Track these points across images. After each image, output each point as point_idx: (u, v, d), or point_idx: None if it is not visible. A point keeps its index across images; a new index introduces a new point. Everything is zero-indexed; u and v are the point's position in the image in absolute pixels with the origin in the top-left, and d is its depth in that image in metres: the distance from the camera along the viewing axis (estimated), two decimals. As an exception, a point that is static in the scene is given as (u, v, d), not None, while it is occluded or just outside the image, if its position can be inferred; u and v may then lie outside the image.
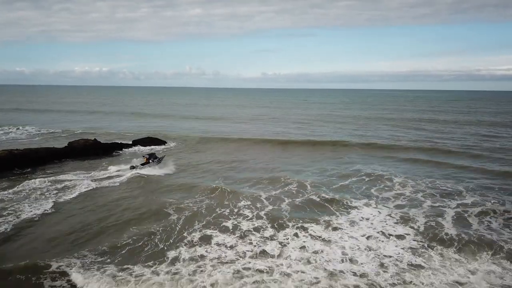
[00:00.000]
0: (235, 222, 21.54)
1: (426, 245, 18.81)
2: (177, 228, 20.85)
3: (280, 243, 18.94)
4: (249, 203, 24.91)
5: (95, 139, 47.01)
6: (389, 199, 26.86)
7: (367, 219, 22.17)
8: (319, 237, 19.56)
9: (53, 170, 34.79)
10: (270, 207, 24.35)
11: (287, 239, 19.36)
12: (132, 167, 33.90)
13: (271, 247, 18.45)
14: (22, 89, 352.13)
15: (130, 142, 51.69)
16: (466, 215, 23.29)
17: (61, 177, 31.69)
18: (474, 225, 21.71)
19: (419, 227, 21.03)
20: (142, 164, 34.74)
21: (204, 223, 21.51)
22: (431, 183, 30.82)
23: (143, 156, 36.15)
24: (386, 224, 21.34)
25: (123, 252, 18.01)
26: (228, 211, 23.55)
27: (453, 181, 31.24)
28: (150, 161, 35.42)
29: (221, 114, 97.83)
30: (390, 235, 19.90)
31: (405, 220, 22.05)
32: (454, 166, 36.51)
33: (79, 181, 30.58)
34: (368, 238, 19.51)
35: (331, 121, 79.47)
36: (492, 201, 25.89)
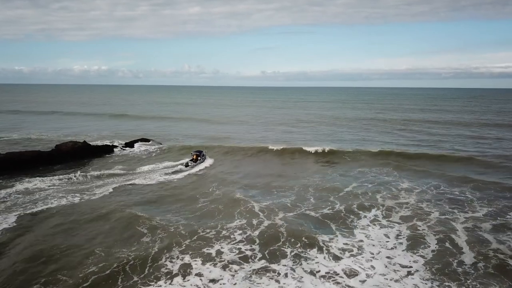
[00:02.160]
0: (219, 248, 18.82)
1: (442, 283, 16.02)
2: (153, 253, 18.02)
3: (273, 278, 16.16)
4: (243, 222, 22.32)
5: (84, 141, 45.00)
6: (394, 209, 24.96)
7: (373, 245, 19.46)
8: (318, 271, 16.78)
9: (32, 176, 32.35)
10: (266, 223, 22.00)
11: (281, 273, 16.44)
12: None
13: (263, 282, 15.85)
14: (20, 88, 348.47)
15: (123, 144, 49.88)
16: (479, 232, 21.17)
17: (37, 184, 29.50)
18: (492, 245, 19.46)
19: (429, 253, 18.45)
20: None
21: (183, 248, 18.70)
22: (436, 191, 29.00)
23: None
24: (394, 252, 18.60)
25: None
26: (214, 232, 20.77)
27: (460, 189, 29.33)
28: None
29: (217, 115, 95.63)
30: (397, 270, 16.92)
31: (414, 243, 19.59)
32: (460, 173, 34.27)
33: (56, 189, 28.41)
34: (375, 273, 16.62)
35: (330, 123, 76.99)
36: (506, 214, 23.93)
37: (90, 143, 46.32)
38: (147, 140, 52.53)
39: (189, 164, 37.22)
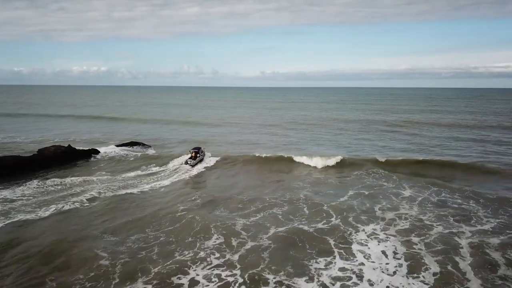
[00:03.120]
0: (194, 275, 16.42)
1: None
2: (114, 282, 15.75)
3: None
4: (221, 241, 20.11)
5: (69, 145, 43.10)
6: (394, 221, 23.07)
7: (373, 268, 17.32)
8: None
9: (8, 184, 30.29)
10: (248, 245, 19.51)
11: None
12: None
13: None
14: (15, 89, 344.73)
15: (111, 147, 47.87)
16: (486, 250, 19.15)
17: (5, 194, 27.36)
18: (501, 268, 17.33)
19: (432, 279, 16.29)
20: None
21: (151, 276, 16.26)
22: (439, 200, 27.04)
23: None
24: (395, 280, 16.34)
25: None
26: (192, 253, 18.56)
27: (465, 199, 27.31)
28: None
29: (212, 117, 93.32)
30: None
31: (416, 266, 17.47)
32: (465, 181, 32.25)
33: (26, 200, 26.17)
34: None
35: (327, 126, 74.35)
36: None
37: (77, 146, 44.45)
38: (136, 144, 50.54)
39: (189, 162, 36.52)
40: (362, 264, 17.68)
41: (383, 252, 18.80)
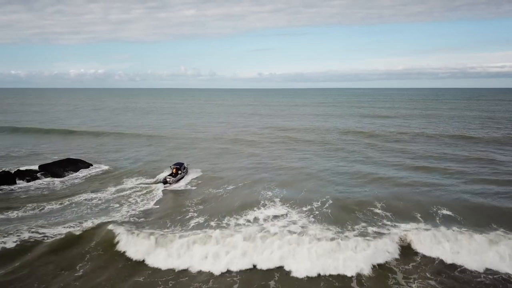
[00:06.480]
0: None
1: None
2: None
3: None
4: None
5: (-31, 168, 33.56)
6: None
7: None
8: None
9: None
10: None
11: None
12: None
13: None
14: (9, 92, 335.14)
15: (35, 168, 38.16)
16: None
17: None
18: None
19: None
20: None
21: None
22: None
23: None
24: None
25: None
26: None
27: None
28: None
29: (184, 127, 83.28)
30: None
31: None
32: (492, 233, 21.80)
33: None
34: None
35: (309, 141, 63.73)
36: None
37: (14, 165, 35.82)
38: (73, 162, 40.75)
39: (168, 179, 31.12)
40: None
41: None
